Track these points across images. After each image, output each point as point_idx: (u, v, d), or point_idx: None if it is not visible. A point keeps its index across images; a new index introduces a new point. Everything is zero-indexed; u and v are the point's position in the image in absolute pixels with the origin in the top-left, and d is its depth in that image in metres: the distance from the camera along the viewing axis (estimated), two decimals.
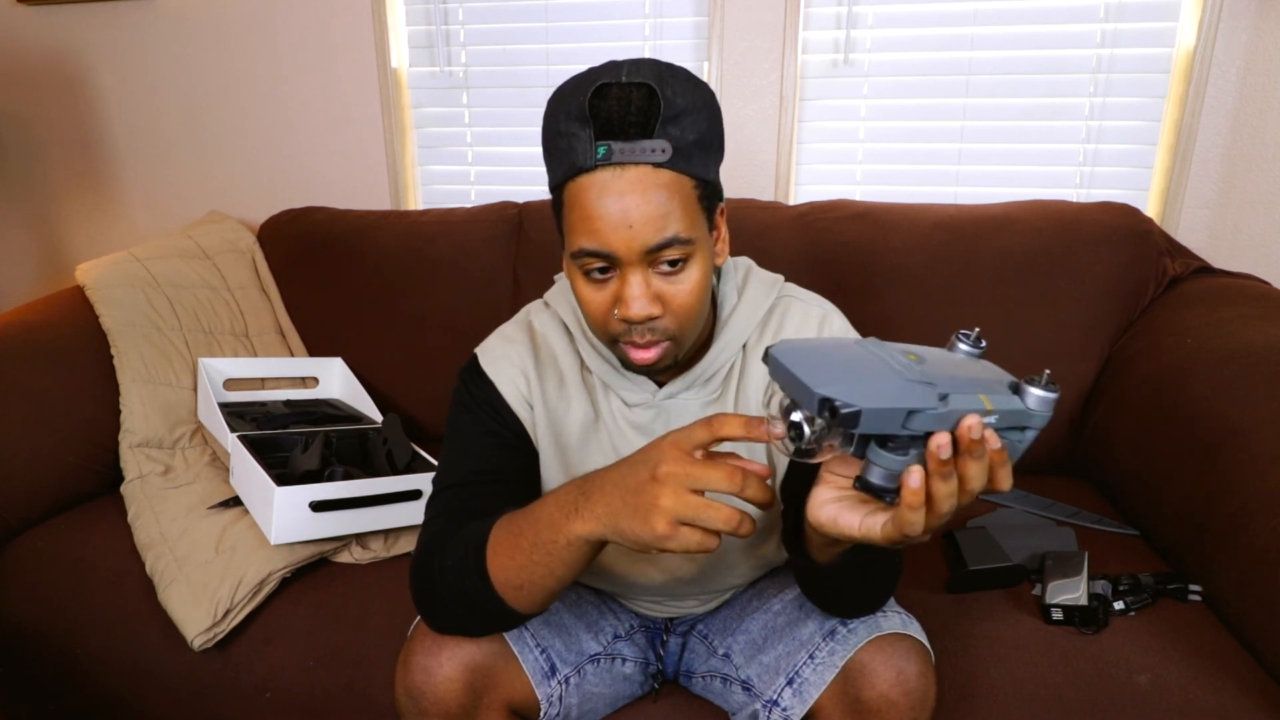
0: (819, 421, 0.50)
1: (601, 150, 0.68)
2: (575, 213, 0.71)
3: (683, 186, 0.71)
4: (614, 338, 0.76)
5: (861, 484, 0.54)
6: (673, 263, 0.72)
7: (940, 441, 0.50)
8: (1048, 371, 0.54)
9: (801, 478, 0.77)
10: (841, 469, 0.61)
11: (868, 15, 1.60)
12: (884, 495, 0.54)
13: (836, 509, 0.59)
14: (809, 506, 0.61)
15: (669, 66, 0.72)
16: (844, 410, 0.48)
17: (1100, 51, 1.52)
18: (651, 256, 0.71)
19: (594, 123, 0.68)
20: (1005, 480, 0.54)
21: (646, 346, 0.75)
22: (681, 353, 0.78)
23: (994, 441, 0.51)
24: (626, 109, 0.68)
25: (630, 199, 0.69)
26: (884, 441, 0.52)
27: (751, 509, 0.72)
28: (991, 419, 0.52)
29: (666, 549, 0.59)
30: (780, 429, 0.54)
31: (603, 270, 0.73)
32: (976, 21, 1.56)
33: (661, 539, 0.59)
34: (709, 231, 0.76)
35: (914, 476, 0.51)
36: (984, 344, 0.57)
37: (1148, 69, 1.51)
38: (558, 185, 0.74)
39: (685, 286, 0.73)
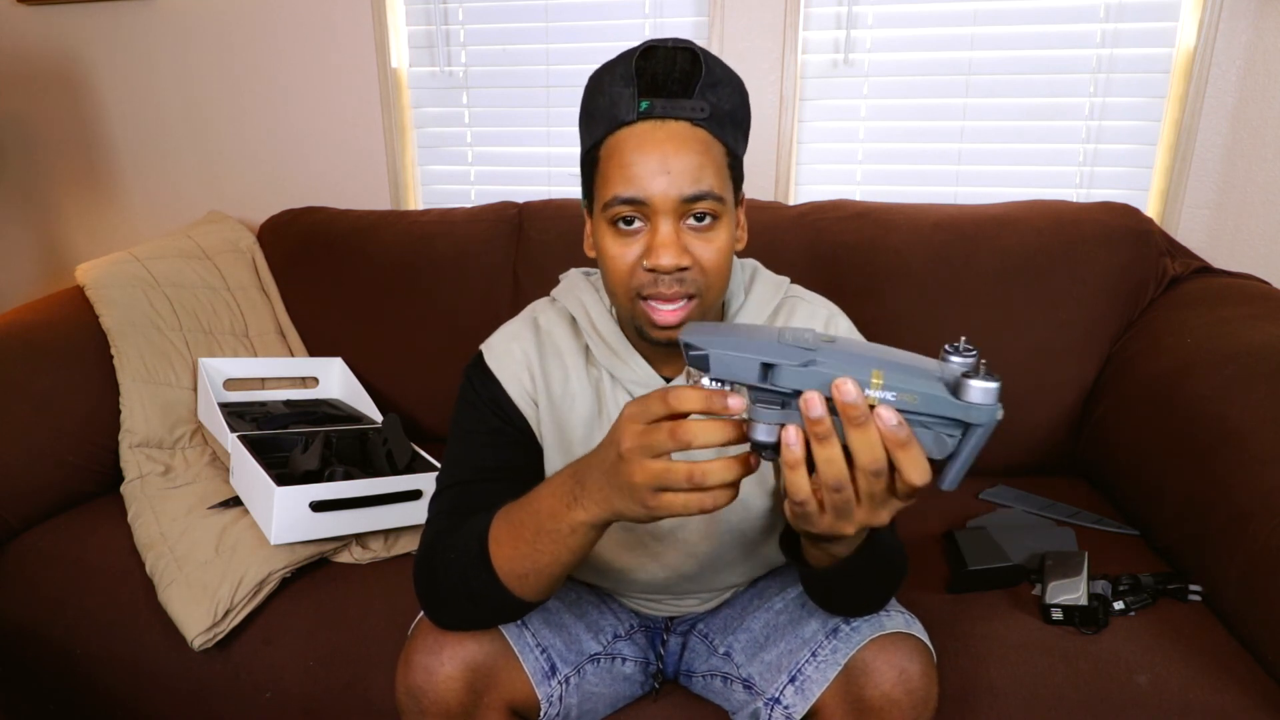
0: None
1: (644, 104, 0.73)
2: (612, 162, 0.74)
3: (716, 149, 0.75)
4: (637, 294, 0.77)
5: (750, 443, 0.55)
6: (702, 218, 0.74)
7: (807, 397, 0.50)
8: (984, 361, 0.51)
9: None
10: None
11: (868, 15, 1.60)
12: (763, 450, 0.55)
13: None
14: (785, 506, 0.61)
15: (705, 49, 0.76)
16: (693, 352, 0.53)
17: (1100, 51, 1.52)
18: (684, 208, 0.74)
19: (639, 80, 0.74)
20: (911, 468, 0.51)
21: (672, 302, 0.75)
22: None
23: (888, 417, 0.50)
24: (671, 68, 0.73)
25: (669, 147, 0.73)
26: (760, 397, 0.54)
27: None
28: (884, 394, 0.51)
29: (659, 517, 0.60)
30: (739, 400, 0.55)
31: (632, 223, 0.75)
32: (976, 21, 1.56)
33: (651, 510, 0.59)
34: (734, 206, 0.79)
35: (790, 432, 0.52)
36: (972, 352, 0.53)
37: (1148, 69, 1.51)
38: (595, 144, 0.76)
39: (714, 245, 0.75)
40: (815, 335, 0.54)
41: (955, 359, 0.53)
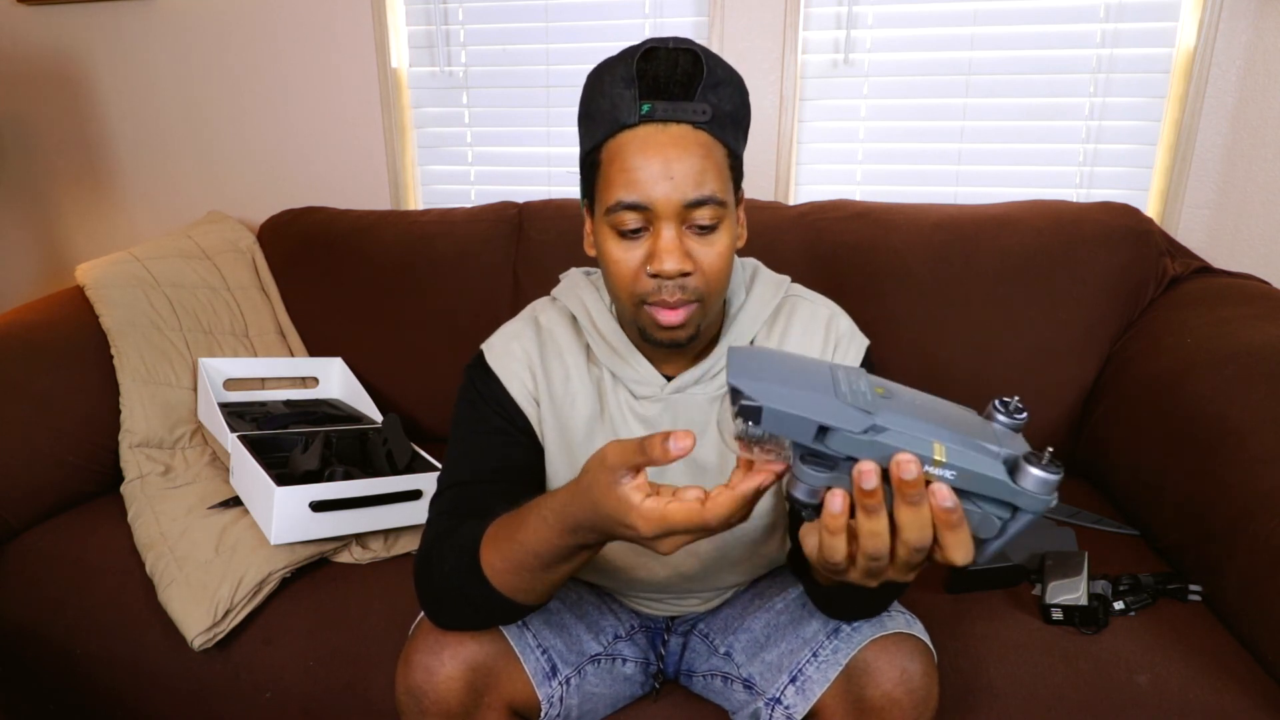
0: (737, 414, 0.50)
1: (646, 107, 0.72)
2: (614, 166, 0.74)
3: (717, 152, 0.75)
4: (641, 300, 0.77)
5: (787, 496, 0.53)
6: (704, 227, 0.74)
7: (863, 469, 0.48)
8: (1050, 449, 0.49)
9: None
10: None
11: (868, 15, 1.60)
12: (803, 509, 0.52)
13: (807, 529, 0.59)
14: (800, 531, 0.61)
15: (706, 47, 0.76)
16: (744, 403, 0.49)
17: (1100, 51, 1.52)
18: (687, 213, 0.73)
19: (640, 83, 0.73)
20: (957, 549, 0.49)
21: (675, 307, 0.75)
22: (704, 323, 0.79)
23: (943, 498, 0.47)
24: (673, 71, 0.73)
25: (672, 152, 0.72)
26: (807, 456, 0.50)
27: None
28: (944, 472, 0.48)
29: None
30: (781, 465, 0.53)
31: (635, 230, 0.74)
32: (976, 21, 1.56)
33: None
34: (734, 206, 0.79)
35: (836, 500, 0.50)
36: (1023, 415, 0.51)
37: (1148, 69, 1.51)
38: (596, 146, 0.76)
39: (716, 249, 0.75)
40: (869, 384, 0.51)
41: (1002, 418, 0.50)
